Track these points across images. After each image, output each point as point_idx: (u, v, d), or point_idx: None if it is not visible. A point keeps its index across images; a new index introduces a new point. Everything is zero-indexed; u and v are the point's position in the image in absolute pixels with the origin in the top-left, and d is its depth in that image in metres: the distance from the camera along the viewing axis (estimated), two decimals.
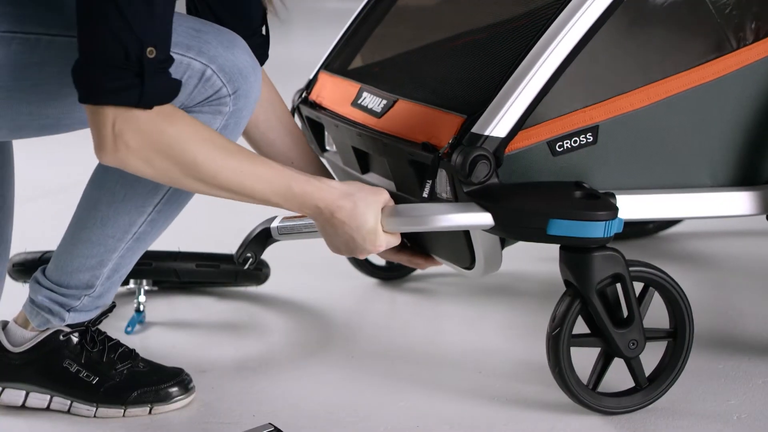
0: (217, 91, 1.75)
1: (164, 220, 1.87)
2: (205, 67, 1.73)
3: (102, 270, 1.87)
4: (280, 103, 2.07)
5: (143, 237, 1.86)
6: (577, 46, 1.81)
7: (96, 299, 1.89)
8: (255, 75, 1.79)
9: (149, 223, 1.85)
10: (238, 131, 1.82)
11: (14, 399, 1.90)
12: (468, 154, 1.77)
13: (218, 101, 1.76)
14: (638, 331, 1.85)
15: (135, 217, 1.83)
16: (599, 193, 1.83)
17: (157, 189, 1.82)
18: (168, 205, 1.85)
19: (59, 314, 1.88)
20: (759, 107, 1.93)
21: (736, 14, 1.90)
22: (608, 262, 1.81)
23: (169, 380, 1.92)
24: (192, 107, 1.75)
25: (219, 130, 1.77)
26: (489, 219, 1.79)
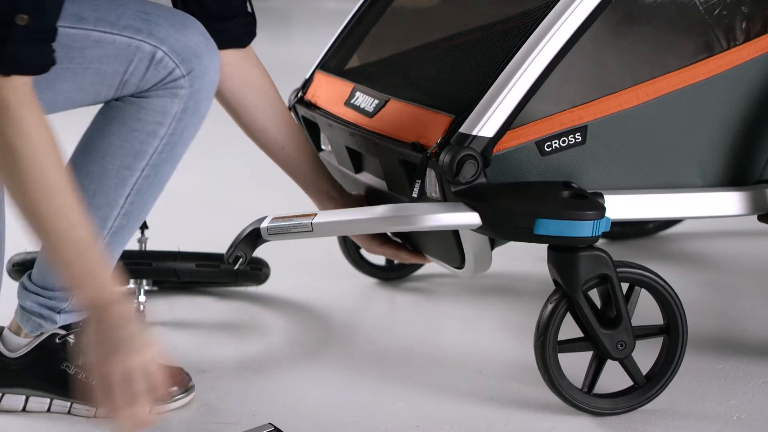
0: (171, 73, 1.75)
1: (139, 212, 1.84)
2: (155, 49, 1.73)
3: None
4: (271, 89, 2.06)
5: (120, 231, 1.84)
6: (565, 46, 1.81)
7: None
8: (210, 55, 1.78)
9: (124, 216, 1.83)
10: (199, 115, 1.80)
11: (14, 404, 1.90)
12: (455, 153, 1.78)
13: (173, 83, 1.75)
14: (626, 331, 1.85)
15: (108, 211, 1.82)
16: (587, 192, 1.83)
17: (125, 180, 1.80)
18: (139, 197, 1.82)
19: (50, 317, 1.87)
20: (749, 107, 1.94)
21: (726, 14, 1.90)
22: (595, 262, 1.81)
23: (168, 380, 1.91)
24: (147, 91, 1.75)
25: (179, 114, 1.77)
26: (476, 219, 1.80)
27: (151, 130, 1.78)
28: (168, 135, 1.79)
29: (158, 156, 1.79)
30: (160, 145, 1.79)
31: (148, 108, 1.77)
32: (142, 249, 2.38)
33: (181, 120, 1.78)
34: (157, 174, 1.81)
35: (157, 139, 1.78)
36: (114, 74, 1.74)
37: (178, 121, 1.78)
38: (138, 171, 1.80)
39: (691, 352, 2.00)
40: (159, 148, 1.79)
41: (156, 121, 1.77)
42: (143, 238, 2.40)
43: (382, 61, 2.17)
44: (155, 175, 1.81)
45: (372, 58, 2.20)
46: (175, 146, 1.80)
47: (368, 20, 2.25)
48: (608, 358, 1.86)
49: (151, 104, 1.76)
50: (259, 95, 2.03)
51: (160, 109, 1.76)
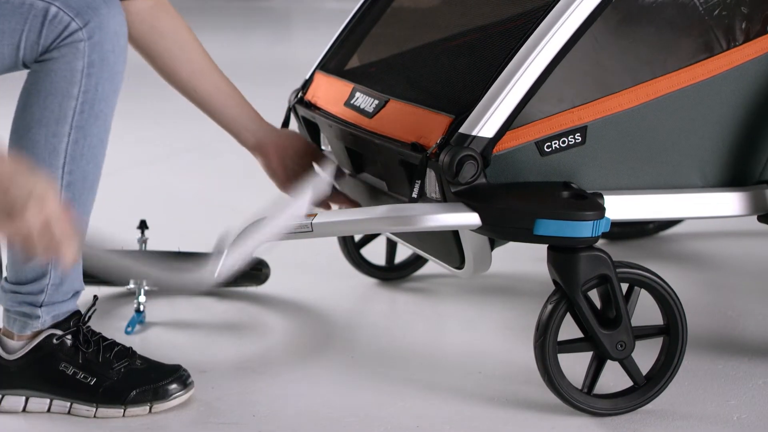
0: (66, 27, 1.75)
1: (82, 180, 1.82)
2: (48, 5, 1.75)
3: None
4: (182, 33, 2.06)
5: (70, 204, 1.81)
6: (565, 46, 1.82)
7: (59, 286, 1.87)
8: (108, 6, 1.78)
9: (68, 188, 1.82)
10: (110, 68, 1.80)
11: (14, 405, 1.89)
12: (455, 154, 1.78)
13: (71, 38, 1.76)
14: (626, 332, 1.85)
15: None
16: (586, 193, 1.83)
17: (56, 148, 1.79)
18: (76, 164, 1.81)
19: (32, 313, 1.87)
20: (749, 108, 1.94)
21: (726, 15, 1.90)
22: (595, 262, 1.82)
23: (167, 377, 1.91)
24: (49, 49, 1.76)
25: (86, 69, 1.77)
26: (476, 219, 1.80)
27: (64, 91, 1.78)
28: (82, 93, 1.78)
29: (80, 117, 1.79)
30: (77, 104, 1.79)
31: (56, 69, 1.77)
32: (143, 249, 2.38)
33: (90, 75, 1.78)
34: (86, 137, 1.81)
35: (73, 99, 1.78)
36: (12, 33, 1.75)
37: (87, 76, 1.78)
38: (64, 136, 1.79)
39: (691, 352, 2.00)
40: (78, 108, 1.79)
41: (66, 80, 1.77)
42: (143, 238, 2.40)
43: (382, 61, 2.17)
44: (84, 138, 1.81)
45: (372, 59, 2.20)
46: (93, 104, 1.80)
47: (368, 20, 2.25)
48: (608, 358, 1.87)
49: (57, 65, 1.77)
50: (167, 40, 2.03)
51: (66, 67, 1.77)
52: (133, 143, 3.84)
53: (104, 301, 2.39)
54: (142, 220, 2.42)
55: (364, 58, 2.22)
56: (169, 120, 4.22)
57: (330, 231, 1.93)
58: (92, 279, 2.32)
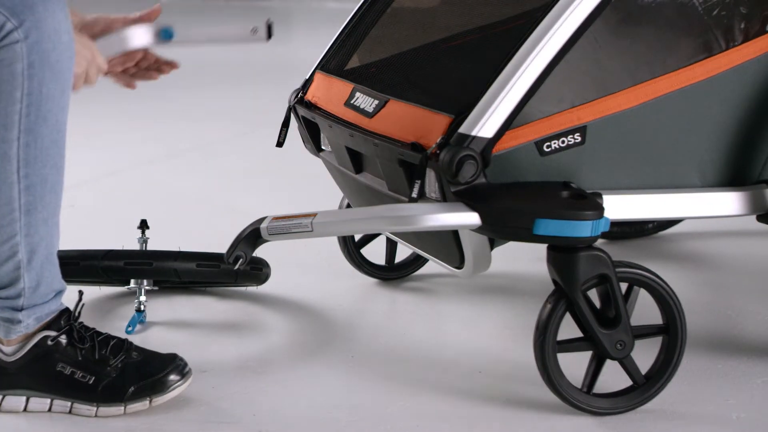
0: (1, 28, 1.71)
1: (41, 183, 1.80)
2: None
3: (17, 258, 1.82)
4: None
5: (32, 207, 1.81)
6: (564, 46, 1.82)
7: (35, 289, 1.85)
8: (44, 4, 1.73)
9: (27, 191, 1.80)
10: (51, 67, 1.76)
11: (15, 405, 1.89)
12: (455, 154, 1.78)
13: (7, 38, 1.72)
14: (625, 331, 1.85)
15: (7, 192, 1.79)
16: (586, 193, 1.83)
17: (6, 154, 1.76)
18: (31, 167, 1.78)
19: (13, 317, 1.86)
20: (748, 108, 1.94)
21: (725, 15, 1.90)
22: (594, 262, 1.82)
23: (164, 368, 1.91)
24: None
25: (26, 71, 1.73)
26: (476, 219, 1.80)
27: (7, 95, 1.74)
28: (26, 95, 1.75)
29: (27, 120, 1.76)
30: (23, 107, 1.75)
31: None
32: (143, 249, 2.39)
33: (31, 77, 1.75)
34: (36, 139, 1.77)
35: (17, 103, 1.75)
36: None
37: (29, 78, 1.75)
38: (14, 141, 1.76)
39: (691, 351, 2.00)
40: (23, 111, 1.75)
41: (8, 83, 1.74)
42: (144, 238, 2.40)
43: (382, 61, 2.17)
44: (35, 141, 1.77)
45: (372, 59, 2.20)
46: (40, 105, 1.76)
47: (368, 20, 2.26)
48: (607, 357, 1.87)
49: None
50: None
51: (6, 71, 1.73)
52: (133, 143, 3.84)
53: (104, 301, 2.40)
54: (142, 219, 2.42)
55: (364, 58, 2.22)
56: (170, 120, 4.23)
57: (330, 231, 1.93)
58: (91, 280, 2.32)
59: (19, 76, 1.74)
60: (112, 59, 2.04)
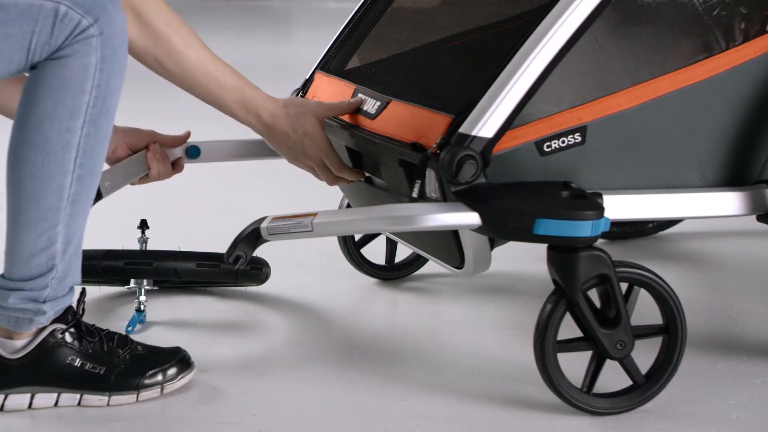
0: (78, 24, 1.78)
1: (90, 174, 1.86)
2: (57, 5, 1.77)
3: (54, 247, 1.85)
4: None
5: (78, 198, 1.85)
6: (565, 46, 1.82)
7: (62, 280, 1.88)
8: (113, 3, 1.81)
9: (78, 182, 1.84)
10: (119, 63, 1.83)
11: (20, 403, 1.90)
12: (455, 154, 1.78)
13: (83, 34, 1.78)
14: (625, 331, 1.85)
15: (61, 180, 1.83)
16: (586, 193, 1.83)
17: (69, 143, 1.82)
18: (87, 158, 1.84)
19: (38, 309, 1.87)
20: (748, 108, 1.94)
21: (725, 15, 1.90)
22: (594, 262, 1.82)
23: (171, 359, 1.96)
24: (61, 47, 1.78)
25: (99, 64, 1.80)
26: (476, 219, 1.80)
27: (78, 86, 1.80)
28: (95, 87, 1.81)
29: (93, 110, 1.82)
30: (91, 98, 1.81)
31: (69, 65, 1.79)
32: (143, 249, 2.39)
33: (103, 70, 1.81)
34: (97, 130, 1.83)
35: (87, 94, 1.81)
36: (22, 36, 1.77)
37: (100, 71, 1.81)
38: (78, 130, 1.81)
39: (691, 351, 2.00)
40: (91, 102, 1.81)
41: (80, 76, 1.80)
42: (144, 238, 2.40)
43: (383, 61, 2.17)
44: (95, 131, 1.83)
45: (372, 59, 2.20)
46: (105, 97, 1.82)
47: (368, 20, 2.26)
48: (607, 357, 1.87)
49: (70, 61, 1.79)
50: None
51: (79, 62, 1.79)
52: None
53: (104, 300, 2.40)
54: (142, 219, 2.42)
55: (365, 58, 2.22)
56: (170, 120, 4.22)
57: (330, 230, 1.93)
58: (91, 279, 2.32)
59: (92, 69, 1.80)
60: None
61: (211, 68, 1.98)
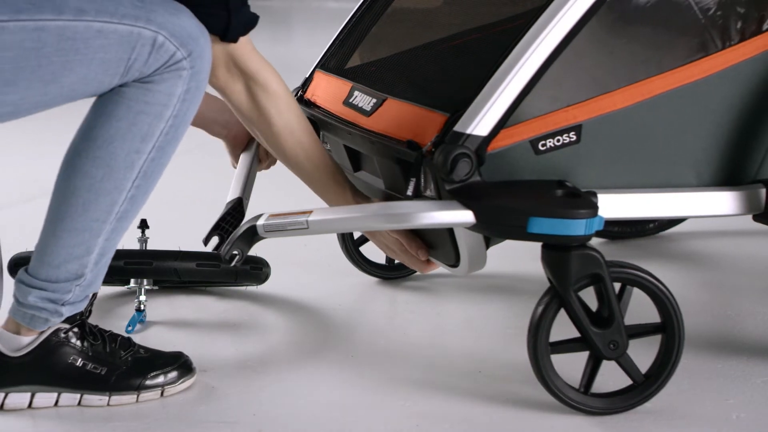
0: (172, 56, 1.80)
1: (143, 195, 1.88)
2: (155, 34, 1.79)
3: (89, 257, 1.87)
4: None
5: (125, 215, 1.88)
6: (560, 45, 1.82)
7: (86, 288, 1.90)
8: (204, 38, 1.84)
9: (130, 201, 1.87)
10: (200, 95, 1.86)
11: (20, 402, 1.90)
12: (449, 152, 1.78)
13: (176, 65, 1.81)
14: (618, 331, 1.85)
15: (116, 196, 1.85)
16: (580, 191, 1.84)
17: (134, 164, 1.84)
18: (145, 180, 1.86)
19: (56, 311, 1.88)
20: (744, 107, 1.94)
21: (721, 15, 1.90)
22: (586, 261, 1.82)
23: (173, 363, 1.97)
24: (152, 74, 1.80)
25: (183, 95, 1.83)
26: (470, 217, 1.80)
27: (158, 113, 1.82)
28: (173, 116, 1.83)
29: (164, 138, 1.84)
30: (166, 126, 1.84)
31: (155, 90, 1.81)
32: (143, 248, 2.39)
33: (185, 101, 1.84)
34: (162, 156, 1.86)
35: (164, 121, 1.83)
36: (118, 62, 1.78)
37: (182, 102, 1.83)
38: (146, 153, 1.84)
39: (690, 351, 2.00)
40: (165, 130, 1.84)
41: (162, 103, 1.82)
42: (144, 237, 2.40)
43: (381, 60, 2.17)
44: (161, 157, 1.86)
45: (371, 58, 2.21)
46: (179, 127, 1.85)
47: (368, 20, 2.26)
48: (601, 357, 1.87)
49: (156, 87, 1.81)
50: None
51: (165, 91, 1.81)
52: None
53: (104, 300, 2.40)
54: (142, 219, 2.42)
55: (364, 57, 2.22)
56: None
57: (325, 228, 1.93)
58: None
59: (175, 99, 1.83)
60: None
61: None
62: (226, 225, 2.15)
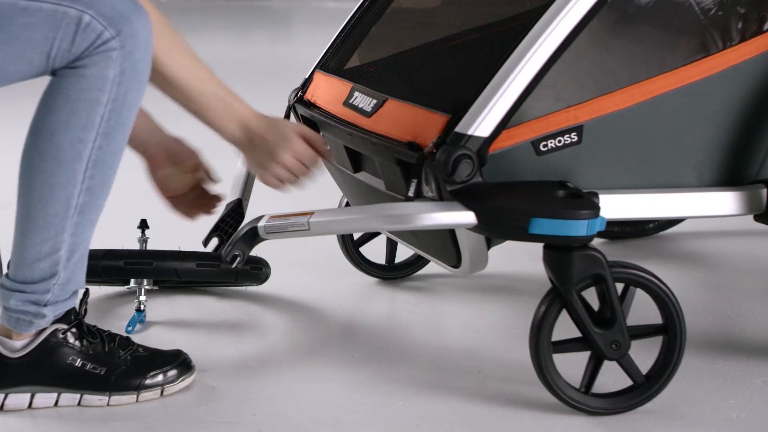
0: (99, 35, 1.77)
1: (101, 186, 1.86)
2: (81, 13, 1.76)
3: (59, 254, 1.86)
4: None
5: (86, 208, 1.85)
6: (561, 46, 1.82)
7: (65, 286, 1.88)
8: (138, 16, 1.80)
9: (87, 192, 1.84)
10: (138, 77, 1.82)
11: (19, 402, 1.90)
12: (451, 153, 1.78)
13: (104, 46, 1.78)
14: (620, 331, 1.85)
15: (70, 189, 1.83)
16: (582, 192, 1.84)
17: (80, 154, 1.82)
18: (98, 169, 1.84)
19: (38, 312, 1.88)
20: (745, 108, 1.94)
21: (722, 15, 1.91)
22: (589, 262, 1.82)
23: (172, 361, 1.96)
24: (81, 59, 1.78)
25: (117, 78, 1.80)
26: (472, 218, 1.80)
27: (94, 98, 1.80)
28: (111, 100, 1.80)
29: (107, 123, 1.81)
30: (106, 111, 1.81)
31: (87, 76, 1.79)
32: (143, 249, 2.39)
33: (120, 83, 1.80)
34: (109, 143, 1.83)
35: (102, 106, 1.80)
36: (44, 41, 1.76)
37: (118, 84, 1.80)
38: (90, 142, 1.81)
39: (691, 351, 2.00)
40: (105, 115, 1.81)
41: (97, 88, 1.79)
42: (144, 237, 2.40)
43: (382, 61, 2.17)
44: (108, 144, 1.83)
45: (371, 58, 2.21)
46: (121, 111, 1.82)
47: (368, 20, 2.26)
48: (603, 358, 1.87)
49: (88, 72, 1.79)
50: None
51: (97, 75, 1.79)
52: None
53: (104, 300, 2.40)
54: (142, 219, 2.42)
55: (364, 57, 2.22)
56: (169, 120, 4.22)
57: (326, 229, 1.93)
58: (91, 279, 2.32)
59: (109, 82, 1.80)
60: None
61: (191, 77, 1.94)
62: (226, 226, 2.15)
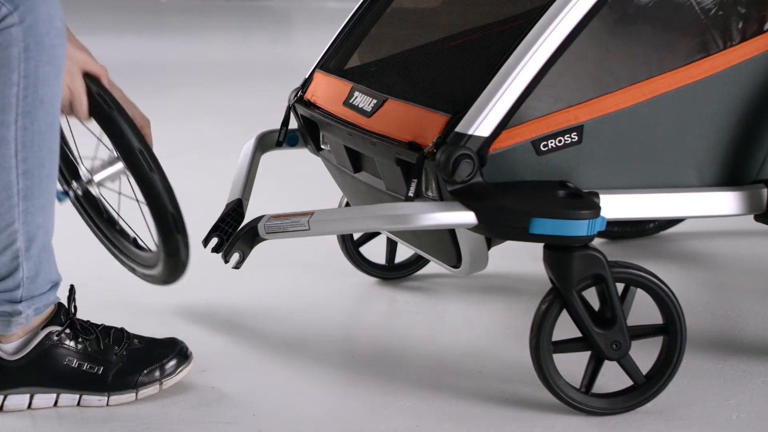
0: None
1: (39, 168, 1.81)
2: None
3: (16, 245, 1.82)
4: None
5: (30, 193, 1.81)
6: (561, 45, 1.82)
7: (34, 278, 1.86)
8: None
9: (25, 176, 1.80)
10: (47, 51, 1.77)
11: (19, 403, 1.90)
12: (451, 153, 1.78)
13: (3, 22, 1.74)
14: (621, 332, 1.85)
15: (6, 175, 1.79)
16: (582, 192, 1.84)
17: (4, 137, 1.78)
18: (29, 152, 1.79)
19: (14, 310, 1.86)
20: (745, 107, 1.94)
21: (722, 15, 1.90)
22: (589, 262, 1.82)
23: (169, 353, 1.95)
24: None
25: (22, 54, 1.75)
26: (472, 218, 1.80)
27: (4, 78, 1.76)
28: (22, 78, 1.77)
29: (25, 102, 1.78)
30: (20, 90, 1.77)
31: None
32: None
33: (28, 59, 1.76)
34: (33, 122, 1.79)
35: (14, 86, 1.77)
36: None
37: (25, 61, 1.76)
38: (12, 124, 1.77)
39: (691, 351, 2.00)
40: (20, 94, 1.77)
41: (5, 66, 1.75)
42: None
43: (382, 60, 2.17)
44: (32, 123, 1.79)
45: (371, 58, 2.21)
46: (37, 88, 1.78)
47: (368, 20, 2.26)
48: (604, 358, 1.87)
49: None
50: None
51: (2, 54, 1.75)
52: None
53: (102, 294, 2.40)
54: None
55: (364, 57, 2.22)
56: (169, 120, 4.23)
57: (326, 229, 1.93)
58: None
59: (15, 60, 1.76)
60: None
61: None
62: (226, 226, 2.15)
